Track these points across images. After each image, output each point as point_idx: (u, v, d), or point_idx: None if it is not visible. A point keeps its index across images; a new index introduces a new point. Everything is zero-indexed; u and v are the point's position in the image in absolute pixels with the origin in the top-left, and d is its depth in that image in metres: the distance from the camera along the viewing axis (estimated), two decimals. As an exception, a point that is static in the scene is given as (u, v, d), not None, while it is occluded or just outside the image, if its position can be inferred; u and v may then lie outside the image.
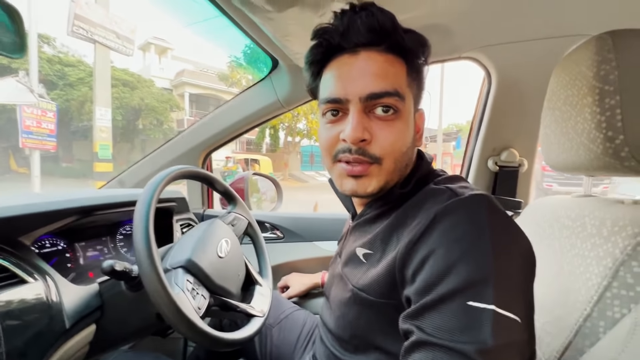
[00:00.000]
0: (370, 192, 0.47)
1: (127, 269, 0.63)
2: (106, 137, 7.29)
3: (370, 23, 0.45)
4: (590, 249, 0.49)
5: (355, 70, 0.46)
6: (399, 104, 0.45)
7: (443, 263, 0.36)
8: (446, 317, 0.34)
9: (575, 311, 0.47)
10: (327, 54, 0.49)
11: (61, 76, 12.89)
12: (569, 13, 0.78)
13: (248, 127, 1.19)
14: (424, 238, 0.39)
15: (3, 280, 0.56)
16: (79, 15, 6.57)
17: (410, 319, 0.37)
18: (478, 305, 0.33)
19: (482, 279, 0.34)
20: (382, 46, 0.46)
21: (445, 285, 0.35)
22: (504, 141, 1.01)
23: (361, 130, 0.44)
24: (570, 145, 0.51)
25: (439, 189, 0.45)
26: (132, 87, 13.93)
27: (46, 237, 0.74)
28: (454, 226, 0.38)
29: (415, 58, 0.48)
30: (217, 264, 0.68)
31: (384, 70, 0.45)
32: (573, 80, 0.50)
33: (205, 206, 1.34)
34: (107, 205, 0.80)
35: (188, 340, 1.12)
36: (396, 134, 0.46)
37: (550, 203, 0.64)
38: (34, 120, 6.36)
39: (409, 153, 0.48)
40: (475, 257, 0.35)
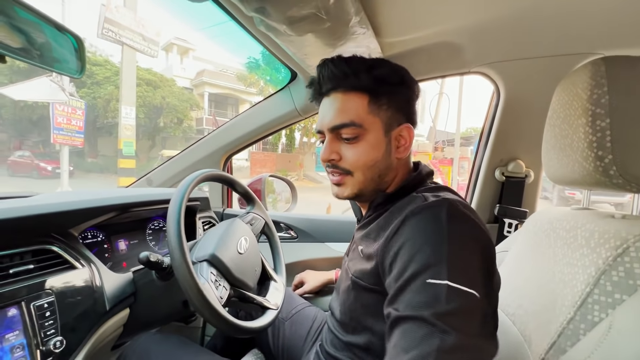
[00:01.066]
0: (347, 196, 0.62)
1: (159, 260, 0.71)
2: (130, 134, 7.58)
3: (329, 73, 0.59)
4: (578, 259, 0.53)
5: (325, 109, 0.61)
6: (357, 131, 0.57)
7: (408, 253, 0.45)
8: (411, 295, 0.42)
9: (561, 314, 0.52)
10: (317, 96, 0.64)
11: (89, 75, 13.46)
12: (576, 32, 0.80)
13: (266, 133, 1.27)
14: (396, 235, 0.49)
15: (57, 265, 0.65)
16: (109, 18, 6.89)
17: (389, 304, 0.46)
18: (434, 281, 0.41)
19: (438, 261, 0.42)
20: (342, 88, 0.59)
21: (410, 270, 0.44)
22: (511, 152, 1.04)
23: (328, 153, 0.60)
24: (567, 161, 0.55)
25: (416, 196, 0.55)
26: (154, 86, 14.39)
27: (89, 230, 0.84)
28: (417, 223, 0.48)
29: (377, 88, 0.58)
30: (237, 259, 0.76)
31: (343, 107, 0.58)
32: (571, 100, 0.54)
33: (225, 205, 1.43)
34: (141, 203, 0.89)
35: (205, 330, 1.21)
36: (359, 153, 0.58)
37: (550, 214, 0.68)
38: (64, 117, 6.71)
39: (379, 165, 0.59)
40: (432, 245, 0.44)
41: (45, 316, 0.58)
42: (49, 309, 0.59)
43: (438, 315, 0.39)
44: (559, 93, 0.58)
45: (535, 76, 0.94)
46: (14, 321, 0.55)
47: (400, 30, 0.84)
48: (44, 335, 0.57)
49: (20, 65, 12.46)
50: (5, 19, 0.46)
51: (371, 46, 0.81)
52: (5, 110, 13.68)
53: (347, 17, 0.64)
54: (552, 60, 0.89)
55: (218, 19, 5.29)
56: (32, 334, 0.56)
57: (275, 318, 0.78)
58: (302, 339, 0.87)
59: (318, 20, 0.63)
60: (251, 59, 11.52)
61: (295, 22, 0.63)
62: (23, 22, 0.49)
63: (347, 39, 0.73)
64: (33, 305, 0.57)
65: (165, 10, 29.84)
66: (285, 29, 0.64)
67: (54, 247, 0.66)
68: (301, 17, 0.61)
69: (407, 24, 0.81)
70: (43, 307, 0.58)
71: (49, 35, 0.52)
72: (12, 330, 0.54)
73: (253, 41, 0.87)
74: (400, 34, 0.85)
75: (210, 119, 16.68)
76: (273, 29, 0.65)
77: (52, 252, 0.65)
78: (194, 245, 0.77)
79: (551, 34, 0.83)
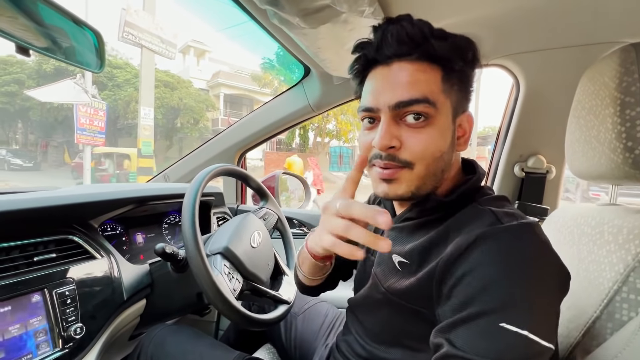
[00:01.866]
0: (401, 195, 0.49)
1: (175, 252, 0.73)
2: (148, 134, 7.82)
3: (399, 36, 0.46)
4: (605, 256, 0.51)
5: (386, 81, 0.48)
6: (429, 110, 0.46)
7: (479, 282, 0.37)
8: (477, 334, 0.36)
9: (585, 314, 0.49)
10: (366, 66, 0.52)
11: (110, 77, 13.97)
12: (601, 20, 0.77)
13: (280, 129, 1.27)
14: (464, 257, 0.40)
15: (78, 255, 0.67)
16: (129, 22, 7.12)
17: (442, 333, 0.39)
18: (510, 327, 0.34)
19: (518, 302, 0.35)
20: (413, 56, 0.47)
21: (479, 303, 0.36)
22: (531, 147, 1.01)
23: (388, 139, 0.46)
24: (593, 154, 0.52)
25: (482, 210, 0.45)
26: (172, 88, 14.76)
27: (108, 223, 0.86)
28: (494, 249, 0.39)
29: (452, 64, 0.47)
30: (250, 253, 0.76)
31: (414, 79, 0.46)
32: (597, 90, 0.52)
33: (239, 201, 1.45)
34: (157, 196, 0.91)
35: (220, 324, 1.23)
36: (427, 140, 0.46)
37: (573, 210, 0.65)
38: (87, 118, 6.97)
39: (444, 158, 0.48)
40: (512, 281, 0.36)
41: (66, 303, 0.60)
42: (70, 296, 0.61)
43: None
44: (584, 83, 0.56)
45: (557, 67, 0.91)
46: (37, 307, 0.57)
47: None
48: (65, 322, 0.60)
49: (47, 69, 13.08)
50: (30, 15, 0.48)
51: (385, 39, 0.80)
52: (33, 112, 14.33)
53: (360, 7, 0.64)
54: (575, 50, 0.86)
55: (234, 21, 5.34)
56: (54, 320, 0.58)
57: (287, 312, 0.79)
58: (314, 334, 0.87)
59: (331, 11, 0.62)
60: (266, 59, 11.63)
61: (309, 14, 0.62)
62: (46, 18, 0.51)
63: (361, 31, 0.72)
64: (55, 293, 0.59)
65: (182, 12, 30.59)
66: (299, 22, 0.63)
67: (75, 238, 0.68)
68: (315, 9, 0.61)
69: (422, 15, 0.79)
70: (64, 294, 0.61)
71: (70, 30, 0.53)
72: (35, 315, 0.57)
73: (268, 37, 0.88)
74: None
75: (226, 120, 16.95)
76: (286, 22, 0.65)
77: (74, 242, 0.68)
78: (208, 238, 0.79)
79: (575, 23, 0.79)
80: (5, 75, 13.28)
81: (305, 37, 0.73)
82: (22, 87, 12.67)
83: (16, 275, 0.56)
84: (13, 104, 13.72)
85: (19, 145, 17.07)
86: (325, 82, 1.10)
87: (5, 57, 13.48)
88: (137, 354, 0.72)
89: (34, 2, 0.49)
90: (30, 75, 13.49)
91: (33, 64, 13.69)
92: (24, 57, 0.47)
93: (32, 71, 13.64)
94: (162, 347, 0.71)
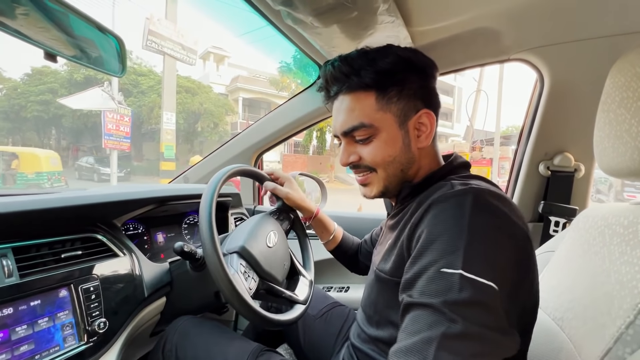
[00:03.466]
0: (374, 195, 0.61)
1: (193, 251, 0.74)
2: (171, 138, 8.08)
3: (331, 76, 0.57)
4: (639, 257, 0.48)
5: (336, 112, 0.60)
6: (368, 131, 0.56)
7: (426, 241, 0.45)
8: (425, 283, 0.42)
9: (618, 318, 0.46)
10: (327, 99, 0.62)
11: (135, 84, 14.58)
12: (630, 9, 0.73)
13: (295, 130, 1.28)
14: (420, 223, 0.48)
15: (102, 252, 0.70)
16: (152, 30, 7.42)
17: (402, 291, 0.46)
18: (448, 270, 0.40)
19: (453, 250, 0.41)
20: (347, 89, 0.57)
21: (426, 257, 0.44)
22: (558, 145, 0.96)
23: (346, 157, 0.60)
24: (624, 149, 0.50)
25: (444, 183, 0.52)
26: (193, 93, 15.22)
27: (130, 222, 0.89)
28: (440, 211, 0.46)
29: (382, 82, 0.55)
30: (265, 253, 0.77)
31: (351, 108, 0.56)
32: (629, 82, 0.49)
33: (256, 202, 1.47)
34: (177, 196, 0.93)
35: (238, 324, 1.24)
36: (374, 150, 0.57)
37: (604, 210, 0.62)
38: (114, 124, 7.31)
39: (399, 159, 0.57)
40: (450, 234, 0.43)
41: (91, 299, 0.63)
42: (94, 292, 0.64)
43: (447, 304, 0.39)
44: (614, 75, 0.53)
45: (584, 60, 0.86)
46: (64, 301, 0.60)
47: (431, 18, 0.80)
48: (90, 317, 0.62)
49: (78, 78, 13.82)
50: (59, 24, 0.51)
51: (401, 36, 0.79)
52: (65, 119, 15.16)
53: (374, 4, 0.63)
54: (603, 41, 0.81)
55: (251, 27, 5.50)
56: (79, 315, 0.61)
57: (303, 313, 0.78)
58: (333, 337, 0.86)
59: (344, 9, 0.62)
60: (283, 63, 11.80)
61: (322, 13, 0.62)
62: (74, 26, 0.54)
63: (375, 28, 0.71)
64: (81, 288, 0.62)
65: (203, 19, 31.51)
66: (312, 21, 0.64)
67: (99, 236, 0.71)
68: (327, 7, 0.61)
69: (438, 11, 0.78)
70: (89, 290, 0.63)
71: (95, 37, 0.56)
72: (62, 309, 0.59)
73: (283, 39, 0.89)
74: (432, 22, 0.81)
75: (244, 123, 17.27)
76: (300, 22, 0.65)
77: (98, 240, 0.70)
78: (225, 238, 0.80)
79: (602, 12, 0.75)
80: (40, 85, 14.13)
81: (320, 36, 0.73)
82: (56, 96, 13.43)
83: (45, 271, 0.59)
84: (47, 111, 14.54)
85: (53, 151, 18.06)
86: (340, 82, 1.09)
87: (41, 68, 14.36)
88: (163, 343, 0.74)
89: (64, 13, 0.52)
90: (63, 84, 14.29)
91: (65, 73, 14.51)
92: (52, 63, 0.50)
93: (64, 80, 14.45)
94: (186, 336, 0.74)
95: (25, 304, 0.55)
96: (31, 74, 14.55)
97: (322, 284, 1.28)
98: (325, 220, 0.94)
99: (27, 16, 0.50)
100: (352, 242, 0.97)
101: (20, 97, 14.39)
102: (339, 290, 1.25)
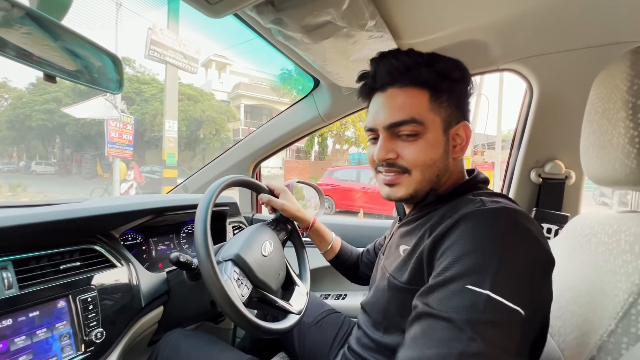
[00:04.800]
0: (400, 197, 0.59)
1: (188, 261, 0.76)
2: (173, 146, 8.15)
3: (389, 67, 0.56)
4: (621, 265, 0.48)
5: (381, 105, 0.58)
6: (417, 128, 0.54)
7: (456, 254, 0.44)
8: (447, 295, 0.41)
9: (601, 327, 0.47)
10: (368, 92, 0.62)
11: (138, 93, 14.74)
12: (614, 20, 0.74)
13: (292, 139, 1.30)
14: (448, 234, 0.47)
15: (100, 263, 0.72)
16: (155, 40, 7.53)
17: (419, 297, 0.45)
18: (474, 288, 0.39)
19: (484, 269, 0.40)
20: (402, 82, 0.56)
21: (452, 270, 0.42)
22: (548, 152, 0.97)
23: (385, 152, 0.57)
24: (607, 159, 0.51)
25: (472, 199, 0.52)
26: (195, 101, 15.36)
27: (129, 232, 0.91)
28: (472, 227, 0.45)
29: (438, 86, 0.55)
30: (260, 261, 0.78)
31: (402, 103, 0.55)
32: (609, 93, 0.50)
33: (255, 211, 1.48)
34: (175, 207, 0.95)
35: (236, 332, 1.25)
36: (419, 151, 0.55)
37: (592, 218, 0.63)
38: (117, 132, 7.38)
39: (438, 165, 0.56)
40: (482, 252, 0.42)
41: (88, 309, 0.65)
42: (92, 302, 0.65)
43: (470, 322, 0.38)
44: (596, 86, 0.54)
45: (570, 70, 0.88)
46: (62, 312, 0.62)
47: (419, 32, 0.82)
48: (87, 327, 0.64)
49: (82, 87, 13.91)
50: (56, 45, 0.53)
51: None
52: (69, 128, 15.33)
53: (362, 21, 0.65)
54: (588, 51, 0.83)
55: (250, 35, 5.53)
56: (77, 325, 0.62)
57: (296, 323, 0.79)
58: (327, 344, 0.86)
59: (333, 27, 0.64)
60: (284, 70, 11.90)
61: (311, 30, 0.65)
62: (69, 46, 0.56)
63: (364, 43, 0.73)
64: (79, 299, 0.64)
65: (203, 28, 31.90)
66: (302, 37, 0.66)
67: (98, 247, 0.73)
68: (316, 25, 0.63)
69: (426, 25, 0.80)
70: (87, 300, 0.65)
71: (91, 56, 0.58)
72: (61, 320, 0.61)
73: (277, 53, 0.91)
74: (420, 36, 0.83)
75: (246, 130, 17.37)
76: (290, 39, 0.68)
77: (96, 251, 0.72)
78: (221, 246, 0.81)
79: (587, 24, 0.77)
80: (45, 94, 14.35)
81: (311, 51, 0.76)
82: (60, 105, 13.63)
83: (44, 282, 0.61)
84: (52, 120, 14.75)
85: (57, 159, 18.27)
86: (334, 92, 1.12)
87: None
88: (155, 357, 0.75)
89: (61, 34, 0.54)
90: (67, 94, 14.50)
91: (69, 82, 14.66)
92: (52, 83, 0.52)
93: (68, 89, 14.66)
94: (177, 350, 0.74)
95: (24, 315, 0.56)
96: (36, 84, 14.80)
97: (320, 291, 1.29)
98: (323, 231, 0.95)
99: (31, 35, 0.53)
100: (350, 252, 0.97)
101: (26, 106, 14.62)
102: (336, 297, 1.25)
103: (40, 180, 14.10)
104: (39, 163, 17.00)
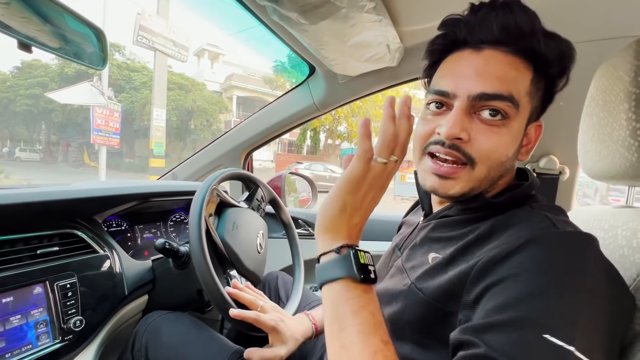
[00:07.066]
0: (452, 195, 0.46)
1: (175, 249, 0.73)
2: (160, 135, 8.00)
3: (506, 21, 0.42)
4: (618, 260, 0.48)
5: (472, 67, 0.43)
6: (510, 110, 0.42)
7: (528, 289, 0.34)
8: (518, 341, 0.32)
9: None
10: (449, 46, 0.48)
11: (128, 80, 14.37)
12: (614, 14, 0.74)
13: (286, 129, 1.27)
14: (509, 258, 0.37)
15: (80, 249, 0.69)
16: (143, 26, 7.33)
17: (474, 332, 0.35)
18: (555, 341, 0.31)
19: (567, 317, 0.32)
20: (510, 47, 0.43)
21: (523, 310, 0.33)
22: (543, 147, 0.97)
23: (459, 129, 0.42)
24: (606, 153, 0.50)
25: (536, 214, 0.42)
26: (186, 90, 15.07)
27: (113, 218, 0.88)
28: (545, 256, 0.36)
29: (547, 67, 0.45)
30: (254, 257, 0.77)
31: (503, 72, 0.43)
32: (611, 85, 0.49)
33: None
34: (162, 193, 0.92)
35: (224, 323, 1.23)
36: (498, 140, 0.43)
37: (586, 213, 0.62)
38: (103, 119, 7.20)
39: (507, 164, 0.45)
40: (565, 294, 0.33)
41: (67, 296, 0.61)
42: (71, 289, 0.62)
43: None
44: (597, 79, 0.53)
45: None
46: (39, 299, 0.58)
47: (420, 18, 0.80)
48: (65, 314, 0.61)
49: (69, 72, 13.57)
50: (33, 11, 0.49)
51: (389, 35, 0.79)
52: (55, 114, 14.88)
53: (360, 2, 0.63)
54: (588, 45, 0.82)
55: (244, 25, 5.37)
56: (54, 312, 0.59)
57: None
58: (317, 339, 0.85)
59: (331, 6, 0.62)
60: (278, 62, 11.77)
61: (308, 10, 0.62)
62: (52, 16, 0.53)
63: (363, 27, 0.71)
64: (57, 285, 0.61)
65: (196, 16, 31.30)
66: (298, 17, 0.63)
67: (78, 232, 0.69)
68: (314, 5, 0.61)
69: (427, 11, 0.78)
70: (65, 287, 0.62)
71: (73, 27, 0.54)
72: (37, 307, 0.58)
73: (272, 36, 0.88)
74: (421, 22, 0.81)
75: (238, 122, 17.17)
76: (286, 18, 0.65)
77: (77, 236, 0.69)
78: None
79: (587, 18, 0.76)
80: (30, 78, 13.84)
81: (307, 33, 0.73)
82: (46, 90, 13.18)
83: (19, 267, 0.57)
84: (37, 106, 14.26)
85: (42, 145, 17.75)
86: (330, 80, 1.09)
87: (31, 62, 14.07)
88: (132, 341, 0.70)
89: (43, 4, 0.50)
90: (53, 79, 14.03)
91: (56, 67, 14.24)
92: (27, 53, 0.49)
93: (55, 75, 14.19)
94: (158, 335, 0.69)
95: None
96: (21, 67, 14.25)
97: (310, 283, 1.28)
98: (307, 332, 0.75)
99: (8, 5, 0.49)
100: None
101: (9, 90, 14.09)
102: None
103: (24, 167, 13.68)
104: (24, 149, 16.50)
